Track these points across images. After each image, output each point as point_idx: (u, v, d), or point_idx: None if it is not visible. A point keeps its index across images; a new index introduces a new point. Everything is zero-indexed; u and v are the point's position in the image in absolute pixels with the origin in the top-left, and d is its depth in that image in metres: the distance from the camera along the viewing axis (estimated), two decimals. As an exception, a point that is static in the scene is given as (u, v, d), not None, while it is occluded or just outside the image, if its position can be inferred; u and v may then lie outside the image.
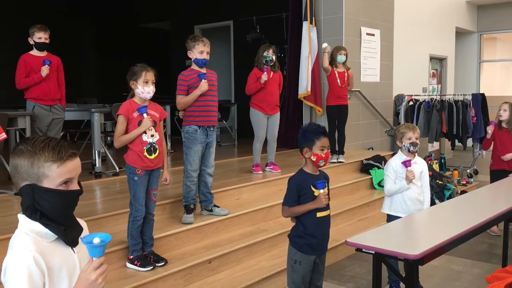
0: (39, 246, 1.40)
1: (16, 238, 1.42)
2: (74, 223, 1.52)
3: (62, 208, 1.44)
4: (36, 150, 1.41)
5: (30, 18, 6.41)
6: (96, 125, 5.28)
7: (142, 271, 3.33)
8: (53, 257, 1.41)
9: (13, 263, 1.36)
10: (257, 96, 5.36)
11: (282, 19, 8.80)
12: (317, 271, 2.93)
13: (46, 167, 1.40)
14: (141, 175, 3.35)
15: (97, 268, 1.36)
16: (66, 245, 1.47)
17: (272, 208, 4.63)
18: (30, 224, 1.42)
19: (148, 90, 3.33)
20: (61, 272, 1.43)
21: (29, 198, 1.41)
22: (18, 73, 4.85)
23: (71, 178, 1.44)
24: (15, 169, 1.43)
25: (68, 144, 1.48)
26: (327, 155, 2.85)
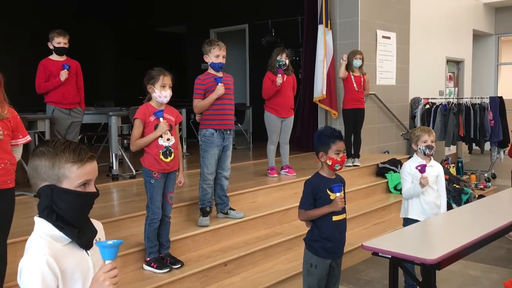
0: (53, 249, 1.43)
1: (32, 241, 1.46)
2: (88, 226, 1.54)
3: (78, 209, 1.47)
4: (57, 152, 1.44)
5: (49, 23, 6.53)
6: (113, 128, 5.35)
7: (159, 273, 3.37)
8: (66, 260, 1.44)
9: (28, 266, 1.39)
10: (271, 99, 5.38)
11: (297, 23, 8.81)
12: (333, 275, 2.92)
13: (66, 168, 1.44)
14: (157, 178, 3.39)
15: (108, 271, 1.38)
16: (80, 248, 1.50)
17: (288, 212, 4.64)
18: (45, 227, 1.45)
19: (165, 94, 3.37)
20: (75, 275, 1.46)
21: (48, 198, 1.45)
22: (38, 77, 4.94)
23: (89, 180, 1.48)
24: (35, 170, 1.46)
25: (86, 147, 1.52)
26: (343, 159, 2.85)
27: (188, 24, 10.89)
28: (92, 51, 10.34)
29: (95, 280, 1.39)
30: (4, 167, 2.62)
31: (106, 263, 1.39)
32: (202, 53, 4.11)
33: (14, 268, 2.89)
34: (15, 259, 3.03)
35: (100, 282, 1.37)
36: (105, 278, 1.37)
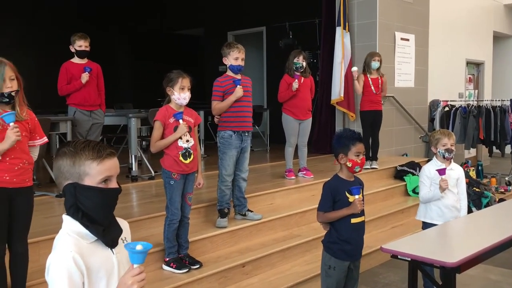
0: (80, 247, 1.46)
1: (59, 238, 1.49)
2: (113, 224, 1.57)
3: (101, 206, 1.50)
4: (77, 150, 1.49)
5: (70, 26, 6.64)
6: (133, 130, 5.41)
7: (177, 273, 3.40)
8: (92, 257, 1.47)
9: (55, 263, 1.43)
10: (289, 101, 5.39)
11: (315, 25, 8.80)
12: (351, 277, 2.92)
13: (86, 165, 1.47)
14: (177, 179, 3.43)
15: (136, 275, 1.41)
16: (105, 246, 1.53)
17: (305, 214, 4.64)
18: (72, 225, 1.49)
19: (184, 96, 3.41)
20: (100, 273, 1.49)
21: (72, 196, 1.48)
22: (60, 80, 5.02)
23: (110, 176, 1.51)
24: (59, 170, 1.51)
25: (106, 145, 1.56)
26: (363, 161, 2.84)
27: (206, 27, 10.96)
28: (112, 54, 10.48)
29: (122, 283, 1.41)
30: (22, 167, 2.68)
31: (134, 266, 1.41)
32: (219, 55, 4.14)
33: (36, 267, 2.97)
34: (37, 258, 3.10)
35: (128, 286, 1.40)
36: (133, 282, 1.40)
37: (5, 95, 2.59)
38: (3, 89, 2.58)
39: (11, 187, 2.63)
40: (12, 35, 9.25)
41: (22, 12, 9.60)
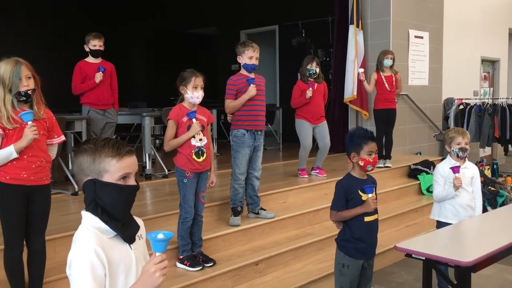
0: (100, 240, 1.49)
1: (79, 233, 1.52)
2: (131, 221, 1.61)
3: (120, 202, 1.53)
4: (97, 148, 1.52)
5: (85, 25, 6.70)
6: (146, 129, 5.45)
7: (191, 271, 3.42)
8: (112, 251, 1.50)
9: (77, 257, 1.46)
10: (302, 107, 5.36)
11: (327, 23, 8.77)
12: (365, 276, 2.91)
13: (106, 162, 1.50)
14: (190, 177, 3.44)
15: (158, 263, 1.43)
16: (124, 242, 1.55)
17: (318, 212, 4.64)
18: (92, 220, 1.52)
19: (197, 95, 3.42)
20: (119, 267, 1.51)
21: (91, 192, 1.51)
22: (74, 79, 5.07)
23: (128, 173, 1.54)
24: (79, 166, 1.54)
25: (125, 143, 1.58)
26: (375, 160, 2.83)
27: (219, 26, 10.99)
28: (126, 53, 10.55)
29: (145, 271, 1.44)
30: (40, 165, 2.72)
31: (156, 255, 1.44)
32: (232, 54, 4.15)
33: (52, 264, 3.00)
34: (54, 255, 3.15)
35: (151, 273, 1.42)
36: (155, 269, 1.42)
37: (22, 94, 2.62)
38: (20, 88, 2.61)
39: (29, 185, 2.67)
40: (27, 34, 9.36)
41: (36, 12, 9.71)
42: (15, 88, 2.60)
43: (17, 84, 2.60)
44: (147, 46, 11.67)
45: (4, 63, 2.61)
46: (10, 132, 2.62)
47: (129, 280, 1.53)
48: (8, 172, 2.63)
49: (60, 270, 3.03)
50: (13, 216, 2.66)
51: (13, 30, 9.23)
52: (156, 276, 1.42)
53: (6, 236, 2.70)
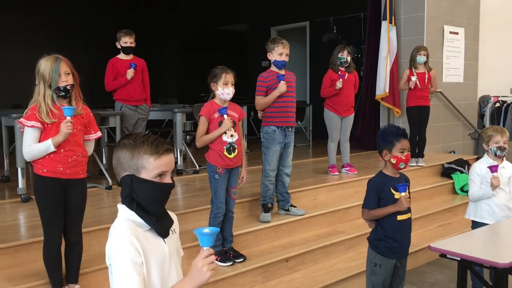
0: (135, 232, 1.52)
1: (115, 225, 1.56)
2: (165, 216, 1.63)
3: (155, 198, 1.55)
4: (136, 144, 1.54)
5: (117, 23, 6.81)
6: (178, 125, 5.50)
7: (222, 266, 3.45)
8: (147, 244, 1.53)
9: (116, 248, 1.49)
10: (332, 97, 5.34)
11: (359, 19, 8.67)
12: (398, 275, 2.88)
13: (144, 159, 1.52)
14: (221, 173, 3.47)
15: (205, 257, 1.45)
16: (158, 236, 1.58)
17: (349, 210, 4.60)
18: (128, 214, 1.55)
19: (228, 91, 3.44)
20: (153, 260, 1.53)
21: (128, 187, 1.54)
22: (107, 76, 5.17)
23: (165, 171, 1.56)
24: (118, 160, 1.56)
25: (164, 140, 1.60)
26: (408, 157, 2.79)
27: (250, 23, 11.00)
28: (157, 50, 10.68)
29: (194, 266, 1.46)
30: (76, 159, 2.78)
31: (204, 249, 1.46)
32: (262, 51, 4.15)
33: (87, 256, 3.08)
34: (89, 247, 3.23)
35: (199, 268, 1.44)
36: (203, 264, 1.44)
37: (61, 89, 2.69)
38: (59, 83, 2.68)
39: (64, 178, 2.73)
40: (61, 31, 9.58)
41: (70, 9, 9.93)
42: (54, 84, 2.67)
43: (57, 80, 2.66)
44: (178, 43, 11.79)
45: (44, 60, 2.68)
46: (49, 126, 2.69)
47: (163, 274, 1.55)
48: (45, 165, 2.70)
49: (95, 262, 3.11)
50: (50, 208, 2.74)
51: (47, 28, 9.47)
52: (204, 271, 1.44)
53: (45, 229, 2.78)
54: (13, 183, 4.77)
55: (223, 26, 11.55)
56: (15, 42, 9.11)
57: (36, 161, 2.72)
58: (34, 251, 3.05)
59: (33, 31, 9.23)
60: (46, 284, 2.85)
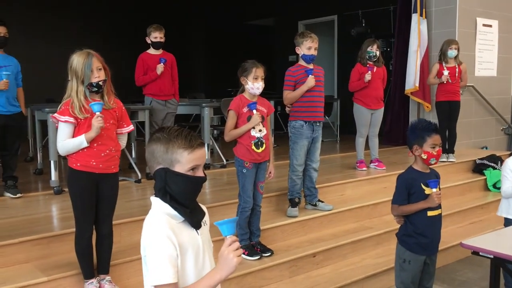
0: (171, 224, 1.54)
1: (151, 217, 1.58)
2: (197, 208, 1.66)
3: (188, 191, 1.58)
4: (170, 138, 1.55)
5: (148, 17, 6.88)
6: (206, 119, 5.54)
7: (249, 260, 3.46)
8: (181, 236, 1.55)
9: (152, 240, 1.51)
10: (360, 91, 5.30)
11: (389, 12, 8.53)
12: (427, 272, 2.84)
13: (178, 153, 1.54)
14: (249, 167, 3.47)
15: (229, 245, 1.47)
16: (191, 227, 1.60)
17: (377, 206, 4.55)
18: (162, 206, 1.57)
19: (258, 86, 3.43)
20: (188, 252, 1.55)
21: (162, 180, 1.56)
22: (137, 71, 5.23)
23: (198, 165, 1.58)
24: (152, 154, 1.59)
25: (197, 135, 1.61)
26: (439, 153, 2.74)
27: (277, 17, 10.96)
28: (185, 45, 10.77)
29: (220, 256, 1.48)
30: (108, 153, 2.82)
31: (226, 238, 1.48)
32: (290, 45, 4.13)
33: (118, 248, 3.13)
34: (120, 239, 3.29)
35: (225, 256, 1.47)
36: (228, 251, 1.47)
37: (94, 85, 2.73)
38: (92, 79, 2.72)
39: (97, 172, 2.78)
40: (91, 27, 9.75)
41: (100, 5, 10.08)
42: (87, 80, 2.71)
43: (89, 76, 2.70)
44: (207, 38, 11.84)
45: (76, 56, 2.72)
46: (82, 121, 2.74)
47: (198, 264, 1.57)
48: (79, 159, 2.76)
49: (125, 254, 3.17)
50: (83, 202, 2.80)
51: (79, 23, 9.65)
52: (230, 258, 1.46)
53: (78, 221, 2.84)
54: (46, 175, 4.90)
55: (251, 21, 11.55)
56: (47, 38, 9.32)
57: (70, 155, 2.78)
58: (66, 242, 3.13)
59: (64, 27, 9.43)
60: (78, 275, 2.92)
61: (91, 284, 2.88)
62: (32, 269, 2.98)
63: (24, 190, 4.32)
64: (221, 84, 9.77)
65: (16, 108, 4.25)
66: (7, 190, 4.22)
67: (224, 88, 9.35)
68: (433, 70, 5.89)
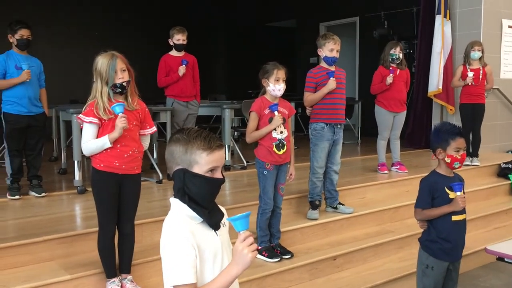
0: (190, 225, 1.55)
1: (170, 218, 1.59)
2: (216, 209, 1.66)
3: (206, 193, 1.58)
4: (190, 139, 1.56)
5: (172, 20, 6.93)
6: (227, 121, 5.56)
7: (269, 262, 3.46)
8: (200, 237, 1.55)
9: (171, 241, 1.52)
10: (383, 93, 5.24)
11: (412, 14, 8.44)
12: (450, 278, 2.79)
13: (197, 154, 1.55)
14: (270, 169, 3.47)
15: (243, 240, 1.47)
16: (210, 228, 1.60)
17: (399, 209, 4.50)
18: (181, 207, 1.58)
19: (279, 87, 3.43)
20: (206, 252, 1.56)
21: (180, 181, 1.57)
22: (159, 72, 5.28)
23: (216, 166, 1.58)
24: (171, 154, 1.60)
25: (216, 136, 1.62)
26: (463, 156, 2.70)
27: (299, 19, 10.94)
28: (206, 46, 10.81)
29: (235, 251, 1.49)
30: (131, 154, 2.85)
31: (240, 233, 1.48)
32: (311, 47, 4.12)
33: (139, 247, 3.16)
34: (141, 239, 3.32)
35: (240, 252, 1.47)
36: (243, 247, 1.47)
37: (118, 86, 2.77)
38: (116, 80, 2.75)
39: (120, 173, 2.81)
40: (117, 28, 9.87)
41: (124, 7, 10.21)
42: (111, 81, 2.74)
43: (113, 77, 2.73)
44: (227, 40, 11.88)
45: (101, 57, 2.76)
46: (106, 122, 2.78)
47: (216, 266, 1.58)
48: (102, 160, 2.79)
49: (147, 254, 3.20)
50: (106, 202, 2.83)
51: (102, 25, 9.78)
52: (245, 253, 1.46)
53: (100, 220, 2.88)
54: (69, 175, 4.99)
55: (272, 23, 11.55)
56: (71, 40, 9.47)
57: (94, 156, 2.81)
58: (89, 241, 3.17)
59: (88, 30, 9.56)
60: (100, 273, 2.96)
61: (113, 283, 2.91)
62: (56, 267, 3.03)
63: (49, 189, 4.41)
64: (242, 85, 9.80)
65: (39, 109, 4.33)
66: (32, 189, 4.31)
67: (244, 89, 9.37)
68: (457, 72, 5.81)
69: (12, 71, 4.15)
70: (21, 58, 4.20)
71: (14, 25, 4.19)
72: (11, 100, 4.16)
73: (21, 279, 2.86)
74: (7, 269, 2.98)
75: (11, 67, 4.15)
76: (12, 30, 4.19)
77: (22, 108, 4.18)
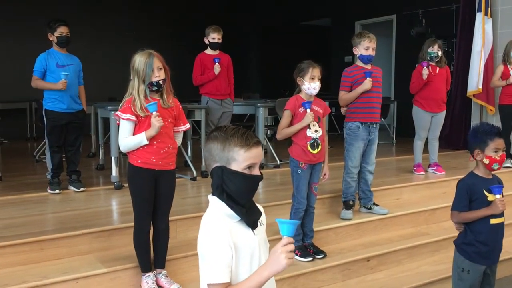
0: (227, 224, 1.56)
1: (208, 216, 1.60)
2: (254, 207, 1.66)
3: (244, 190, 1.58)
4: (227, 136, 1.57)
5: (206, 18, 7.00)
6: (260, 119, 5.57)
7: (302, 261, 3.45)
8: (238, 235, 1.56)
9: (208, 240, 1.53)
10: (421, 93, 5.15)
11: (451, 11, 8.22)
12: (487, 283, 2.73)
13: (235, 151, 1.56)
14: (304, 168, 3.46)
15: (284, 245, 1.47)
16: (247, 227, 1.61)
17: (435, 212, 4.41)
18: (219, 204, 1.59)
19: (314, 86, 3.42)
20: (243, 251, 1.56)
21: (219, 178, 1.58)
22: (195, 71, 5.35)
23: (254, 163, 1.58)
24: (209, 152, 1.61)
25: (253, 133, 1.62)
26: (502, 157, 2.63)
27: (334, 17, 10.84)
28: (241, 45, 10.87)
29: (273, 252, 1.49)
30: (167, 151, 2.90)
31: (284, 238, 1.48)
32: (346, 45, 4.08)
33: (173, 243, 3.21)
34: (175, 235, 3.38)
35: (278, 254, 1.47)
36: (282, 251, 1.46)
37: (154, 84, 2.83)
38: (152, 78, 2.81)
39: (157, 169, 2.87)
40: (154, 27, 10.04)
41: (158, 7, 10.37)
42: (148, 79, 2.80)
43: (150, 75, 2.79)
44: (262, 38, 11.90)
45: (139, 55, 2.83)
46: (142, 120, 2.84)
47: (253, 264, 1.58)
48: (140, 156, 2.86)
49: (181, 249, 3.25)
50: (142, 197, 2.89)
51: (139, 24, 9.96)
52: (282, 257, 1.45)
53: (136, 215, 2.94)
54: (107, 171, 5.11)
55: (307, 21, 11.48)
56: (109, 39, 9.70)
57: (131, 152, 2.88)
58: (125, 235, 3.24)
59: (126, 28, 9.76)
60: (136, 268, 3.02)
61: (148, 278, 2.97)
62: (93, 260, 3.12)
63: (87, 184, 4.53)
64: (276, 84, 9.79)
65: (78, 106, 4.45)
66: (71, 184, 4.44)
67: (278, 88, 9.36)
68: (497, 72, 5.64)
69: (53, 69, 4.28)
70: (61, 57, 4.33)
71: (53, 23, 4.32)
72: (52, 97, 4.30)
73: (60, 271, 2.95)
74: (47, 260, 3.09)
75: (52, 65, 4.28)
76: (51, 29, 4.31)
77: (63, 105, 4.31)
